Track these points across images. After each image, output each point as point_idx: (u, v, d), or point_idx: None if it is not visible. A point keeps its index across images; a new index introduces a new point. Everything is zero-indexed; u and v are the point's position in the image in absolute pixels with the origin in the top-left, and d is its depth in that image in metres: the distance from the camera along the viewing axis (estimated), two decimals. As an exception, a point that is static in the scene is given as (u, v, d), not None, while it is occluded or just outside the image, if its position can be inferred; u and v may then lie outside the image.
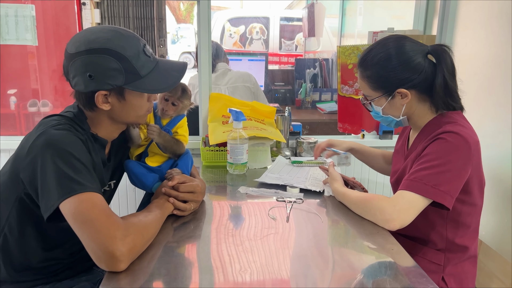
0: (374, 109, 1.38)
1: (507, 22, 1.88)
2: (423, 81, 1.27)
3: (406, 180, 1.23)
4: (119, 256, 0.93)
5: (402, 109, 1.33)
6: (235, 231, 1.21)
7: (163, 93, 1.36)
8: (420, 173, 1.20)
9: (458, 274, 1.34)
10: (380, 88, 1.32)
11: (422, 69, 1.27)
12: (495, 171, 1.91)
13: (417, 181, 1.20)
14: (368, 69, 1.32)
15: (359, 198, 1.31)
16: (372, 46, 1.34)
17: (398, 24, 4.08)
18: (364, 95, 1.39)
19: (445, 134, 1.23)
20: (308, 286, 0.95)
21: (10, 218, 1.15)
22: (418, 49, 1.28)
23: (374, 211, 1.23)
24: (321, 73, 3.97)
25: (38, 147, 1.03)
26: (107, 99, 1.13)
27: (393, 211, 1.19)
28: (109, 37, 1.09)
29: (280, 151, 2.13)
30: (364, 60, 1.33)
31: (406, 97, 1.29)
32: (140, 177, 1.36)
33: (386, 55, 1.28)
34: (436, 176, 1.19)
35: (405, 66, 1.27)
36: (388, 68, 1.28)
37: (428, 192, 1.18)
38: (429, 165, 1.20)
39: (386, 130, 2.36)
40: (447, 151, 1.21)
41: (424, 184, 1.18)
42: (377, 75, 1.30)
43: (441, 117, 1.31)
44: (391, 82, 1.29)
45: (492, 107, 1.97)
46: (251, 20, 6.41)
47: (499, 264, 1.88)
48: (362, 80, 1.36)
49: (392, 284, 0.96)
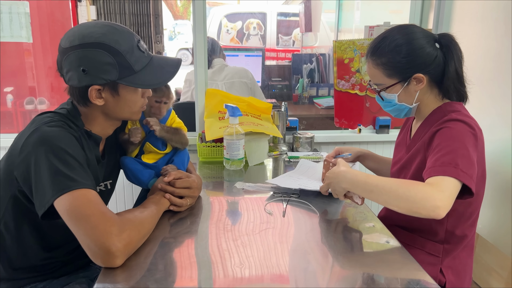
0: (386, 98, 1.36)
1: (503, 16, 1.88)
2: (436, 67, 1.29)
3: (435, 167, 1.14)
4: (115, 252, 0.93)
5: (416, 96, 1.33)
6: (232, 226, 1.21)
7: (152, 97, 1.33)
8: (446, 158, 1.14)
9: (456, 266, 1.35)
10: (396, 74, 1.31)
11: (435, 55, 1.28)
12: (492, 165, 1.91)
13: (447, 165, 1.13)
14: (382, 55, 1.31)
15: (396, 181, 1.14)
16: (383, 34, 1.33)
17: (395, 18, 4.07)
18: (376, 85, 1.37)
19: (452, 123, 1.23)
20: (307, 280, 0.96)
21: (5, 216, 1.15)
22: (428, 36, 1.30)
23: (420, 196, 1.08)
24: (318, 68, 3.97)
25: (31, 144, 1.03)
26: (100, 94, 1.12)
27: (443, 198, 1.07)
28: (103, 32, 1.09)
29: (276, 146, 2.13)
30: (378, 48, 1.32)
31: (421, 82, 1.29)
32: (136, 173, 1.36)
33: (401, 41, 1.28)
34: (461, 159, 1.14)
35: (420, 51, 1.27)
36: (404, 53, 1.28)
37: (460, 175, 1.12)
38: (449, 149, 1.16)
39: (383, 125, 2.36)
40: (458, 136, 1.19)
41: (455, 168, 1.12)
42: (394, 61, 1.29)
43: (445, 107, 1.32)
44: (407, 68, 1.29)
45: (488, 100, 1.98)
46: (248, 15, 6.39)
47: (496, 257, 1.89)
48: (376, 68, 1.33)
49: (388, 278, 0.96)
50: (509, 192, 1.83)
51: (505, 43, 1.87)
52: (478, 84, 1.35)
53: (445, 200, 1.07)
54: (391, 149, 2.38)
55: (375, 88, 1.38)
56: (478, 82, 1.97)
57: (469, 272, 1.39)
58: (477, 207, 1.36)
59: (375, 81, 1.36)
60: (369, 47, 1.36)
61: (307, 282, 0.95)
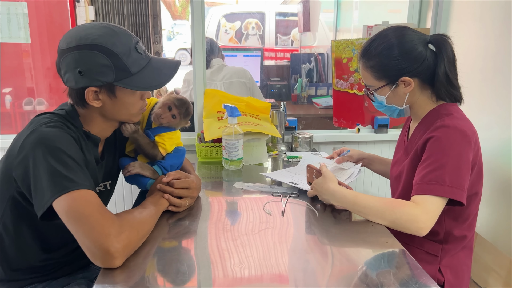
0: (377, 99, 1.39)
1: (501, 15, 1.89)
2: (425, 69, 1.29)
3: (421, 184, 1.21)
4: (114, 253, 0.93)
5: (405, 98, 1.34)
6: (231, 226, 1.21)
7: (167, 100, 1.34)
8: (433, 174, 1.20)
9: (455, 265, 1.35)
10: (383, 77, 1.33)
11: (424, 57, 1.28)
12: (490, 164, 1.92)
13: (434, 183, 1.19)
14: (371, 59, 1.33)
15: (384, 202, 1.21)
16: (374, 36, 1.35)
17: (394, 18, 4.07)
18: (367, 86, 1.40)
19: (443, 129, 1.23)
20: (307, 280, 0.96)
21: (4, 217, 1.15)
22: (419, 38, 1.30)
23: (405, 219, 1.17)
24: (317, 68, 3.97)
25: (29, 145, 1.03)
26: (97, 96, 1.12)
27: (427, 219, 1.16)
28: (100, 34, 1.09)
29: (275, 146, 2.13)
30: (367, 51, 1.34)
31: (409, 85, 1.31)
32: (134, 174, 1.36)
33: (388, 44, 1.30)
34: (449, 174, 1.19)
35: (408, 54, 1.28)
36: (391, 57, 1.29)
37: (447, 192, 1.18)
38: (438, 165, 1.20)
39: (381, 124, 2.36)
40: (449, 147, 1.21)
41: (441, 185, 1.18)
42: (381, 64, 1.31)
43: (440, 109, 1.33)
44: (395, 71, 1.30)
45: (486, 100, 1.98)
46: (247, 15, 6.39)
47: (494, 256, 1.89)
48: (365, 71, 1.36)
49: (387, 277, 0.97)
50: (508, 191, 1.84)
51: (503, 42, 1.87)
52: (476, 84, 1.36)
53: (428, 221, 1.17)
54: (389, 149, 2.38)
55: (366, 89, 1.41)
56: (476, 82, 1.97)
57: (468, 272, 1.40)
58: (475, 209, 1.36)
59: (366, 83, 1.39)
60: (361, 48, 1.37)
61: (306, 281, 0.95)
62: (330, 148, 2.40)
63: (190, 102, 1.41)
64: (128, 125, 1.27)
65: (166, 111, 1.36)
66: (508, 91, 1.84)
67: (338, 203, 1.29)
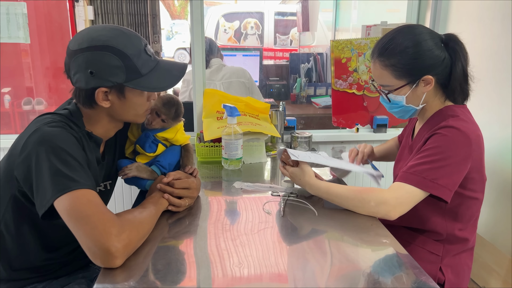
0: (393, 100, 1.34)
1: (500, 15, 1.89)
2: (444, 68, 1.28)
3: (405, 173, 1.24)
4: (115, 253, 0.94)
5: (423, 97, 1.32)
6: (231, 226, 1.21)
7: (154, 106, 1.34)
8: (420, 167, 1.22)
9: (455, 265, 1.36)
10: (405, 76, 1.29)
11: (444, 56, 1.28)
12: (490, 164, 1.92)
13: (417, 175, 1.21)
14: (392, 57, 1.28)
15: (353, 190, 1.28)
16: (392, 34, 1.31)
17: (392, 18, 4.08)
18: (382, 86, 1.35)
19: (445, 129, 1.24)
20: (306, 279, 0.96)
21: (5, 216, 1.15)
22: (436, 36, 1.29)
23: (374, 202, 1.23)
24: (316, 68, 3.97)
25: (32, 144, 1.03)
26: (107, 96, 1.14)
27: (395, 203, 1.21)
28: (112, 35, 1.10)
29: (275, 146, 2.14)
30: (387, 49, 1.29)
31: (429, 84, 1.29)
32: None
33: (412, 42, 1.26)
34: (436, 170, 1.20)
35: (431, 52, 1.26)
36: (416, 54, 1.26)
37: (427, 186, 1.20)
38: (429, 159, 1.22)
39: (380, 124, 2.37)
40: (447, 146, 1.22)
41: (423, 178, 1.20)
42: (404, 62, 1.27)
43: (446, 110, 1.32)
44: (418, 69, 1.27)
45: (486, 100, 1.98)
46: (246, 15, 6.39)
47: (494, 256, 1.89)
48: (384, 69, 1.30)
49: (386, 276, 0.97)
50: (508, 191, 1.84)
51: (502, 42, 1.88)
52: (475, 84, 1.36)
53: (398, 206, 1.21)
54: (388, 148, 2.38)
55: (381, 89, 1.36)
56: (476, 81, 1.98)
57: (468, 272, 1.40)
58: (477, 211, 1.36)
59: (382, 83, 1.34)
60: (376, 47, 1.32)
61: (305, 281, 0.95)
62: (329, 148, 2.41)
63: (179, 103, 1.39)
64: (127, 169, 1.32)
65: (155, 117, 1.37)
66: (507, 91, 1.85)
67: (314, 193, 1.36)
